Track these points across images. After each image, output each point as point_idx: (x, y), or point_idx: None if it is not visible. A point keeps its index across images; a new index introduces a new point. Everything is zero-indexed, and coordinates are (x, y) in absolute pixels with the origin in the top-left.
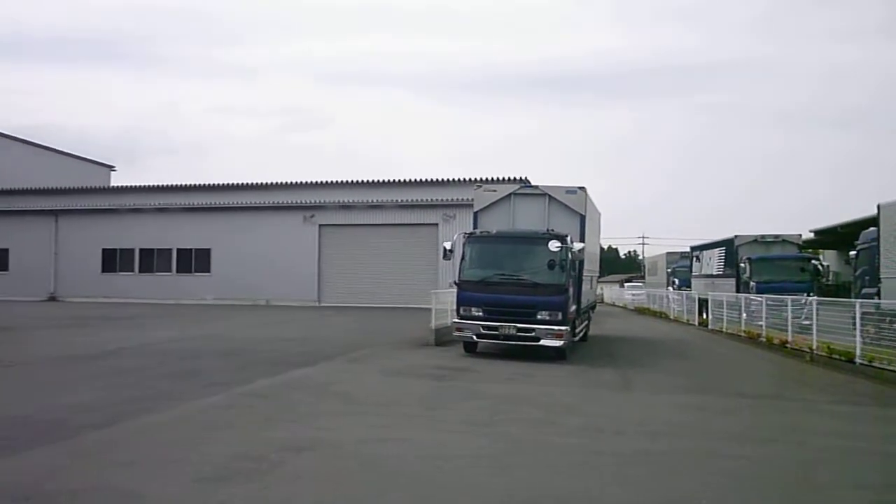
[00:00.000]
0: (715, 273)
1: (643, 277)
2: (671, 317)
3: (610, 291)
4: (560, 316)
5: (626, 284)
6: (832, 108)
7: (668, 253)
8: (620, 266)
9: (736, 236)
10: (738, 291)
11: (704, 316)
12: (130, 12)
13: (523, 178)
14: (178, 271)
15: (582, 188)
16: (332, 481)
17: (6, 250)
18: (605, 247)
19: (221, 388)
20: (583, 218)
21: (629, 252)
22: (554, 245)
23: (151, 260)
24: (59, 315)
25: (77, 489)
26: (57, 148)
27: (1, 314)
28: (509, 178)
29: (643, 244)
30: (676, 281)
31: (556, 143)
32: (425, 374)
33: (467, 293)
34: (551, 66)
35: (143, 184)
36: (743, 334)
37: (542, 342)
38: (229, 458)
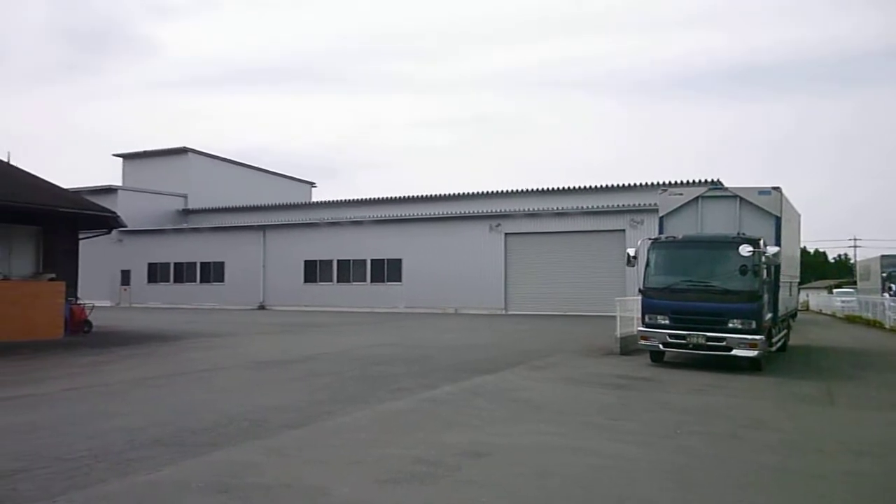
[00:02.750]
0: None
1: (854, 283)
2: (887, 326)
3: (816, 298)
4: (753, 324)
5: (834, 291)
6: None
7: (884, 256)
8: (829, 271)
9: None
10: None
11: None
12: (327, 39)
13: (715, 179)
14: (371, 281)
15: (777, 188)
16: (507, 488)
17: (222, 263)
18: (811, 250)
19: (407, 392)
20: (778, 220)
21: (839, 256)
22: (745, 249)
23: (348, 270)
24: (267, 322)
25: (270, 484)
26: (265, 168)
27: (219, 321)
28: (700, 181)
29: (855, 247)
30: (893, 287)
31: (756, 141)
32: (608, 383)
33: (653, 301)
34: (750, 58)
35: (340, 198)
36: None
37: (735, 352)
38: (410, 460)
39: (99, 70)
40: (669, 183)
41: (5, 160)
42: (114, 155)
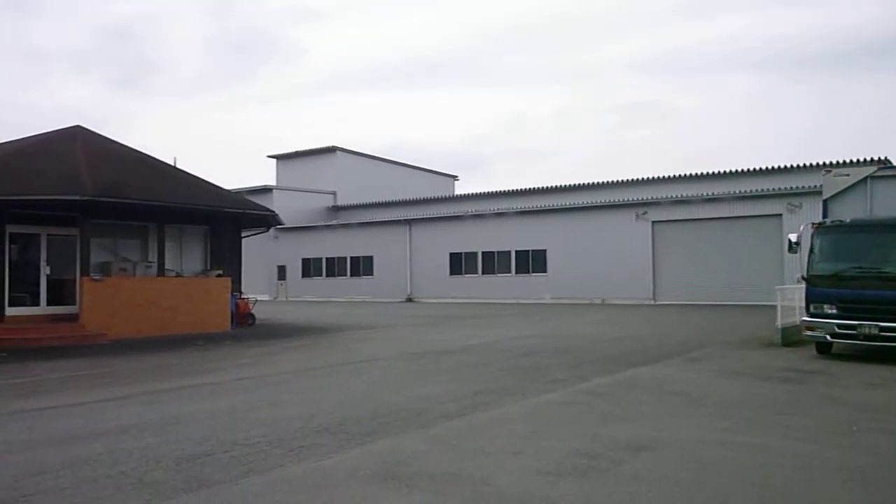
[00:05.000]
0: None
1: None
2: None
3: None
4: None
5: None
6: None
7: None
8: None
9: None
10: None
11: None
12: (465, 33)
13: (882, 158)
14: (516, 272)
15: None
16: (673, 483)
17: (371, 257)
18: None
19: (560, 384)
20: None
21: None
22: None
23: (492, 262)
24: (415, 314)
25: (433, 473)
26: (409, 163)
27: (370, 314)
28: (865, 160)
29: None
30: None
31: None
32: (771, 376)
33: (818, 289)
34: None
35: (483, 191)
36: None
37: None
38: (570, 453)
39: (251, 76)
40: (831, 164)
41: (173, 165)
42: (268, 156)
